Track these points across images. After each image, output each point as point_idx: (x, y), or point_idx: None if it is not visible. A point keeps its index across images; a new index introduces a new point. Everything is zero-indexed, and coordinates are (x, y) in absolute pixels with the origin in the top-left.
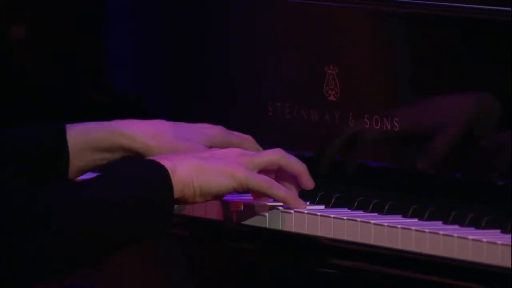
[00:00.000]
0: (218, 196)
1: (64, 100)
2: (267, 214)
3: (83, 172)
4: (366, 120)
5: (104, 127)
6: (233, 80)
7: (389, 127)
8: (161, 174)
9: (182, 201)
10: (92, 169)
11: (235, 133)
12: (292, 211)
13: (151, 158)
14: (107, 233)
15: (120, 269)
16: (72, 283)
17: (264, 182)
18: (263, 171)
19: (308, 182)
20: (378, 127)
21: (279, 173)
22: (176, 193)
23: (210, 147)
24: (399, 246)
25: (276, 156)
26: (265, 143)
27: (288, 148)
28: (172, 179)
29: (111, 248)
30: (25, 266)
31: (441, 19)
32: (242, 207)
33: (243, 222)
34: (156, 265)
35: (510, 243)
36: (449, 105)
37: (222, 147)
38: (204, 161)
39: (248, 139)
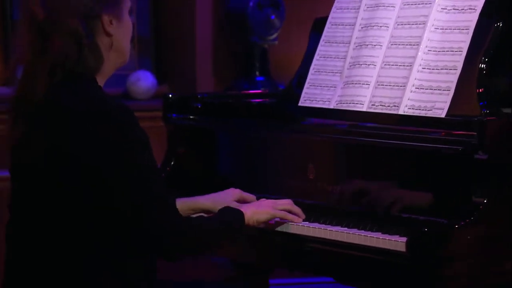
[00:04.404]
0: (264, 223)
1: (194, 179)
2: (283, 225)
3: None
4: (326, 186)
5: (192, 200)
6: (266, 172)
7: (335, 188)
8: (241, 216)
9: (248, 227)
10: None
11: (245, 193)
12: (294, 224)
13: (236, 207)
14: (218, 239)
15: (224, 248)
16: (220, 258)
17: (282, 214)
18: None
19: (300, 215)
20: (330, 190)
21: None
22: (245, 223)
23: (237, 201)
24: (344, 240)
25: (288, 203)
26: (282, 195)
27: (294, 197)
28: (245, 217)
29: (218, 246)
30: (181, 250)
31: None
32: (273, 222)
33: (272, 228)
34: (239, 248)
35: (394, 240)
36: (366, 183)
37: (242, 199)
38: (257, 208)
39: (251, 196)
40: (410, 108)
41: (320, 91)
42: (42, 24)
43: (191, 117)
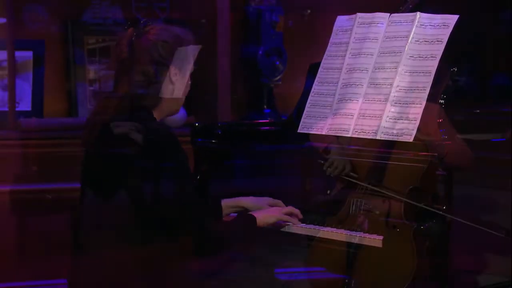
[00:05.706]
0: (272, 225)
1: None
2: (286, 226)
3: (226, 215)
4: (320, 196)
5: (235, 200)
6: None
7: (326, 197)
8: (254, 220)
9: (259, 228)
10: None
11: (274, 200)
12: (294, 225)
13: (252, 213)
14: (237, 239)
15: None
16: (237, 253)
17: (285, 218)
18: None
19: (299, 216)
20: (323, 199)
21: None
22: (257, 225)
23: (270, 205)
24: (334, 238)
25: (290, 208)
26: (285, 202)
27: (294, 204)
28: (257, 221)
29: (237, 243)
30: (210, 248)
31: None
32: (279, 224)
33: (278, 229)
34: (252, 244)
35: (374, 238)
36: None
37: (272, 204)
38: (267, 213)
39: (280, 201)
40: (385, 134)
41: (315, 121)
42: (125, 61)
43: (213, 141)
